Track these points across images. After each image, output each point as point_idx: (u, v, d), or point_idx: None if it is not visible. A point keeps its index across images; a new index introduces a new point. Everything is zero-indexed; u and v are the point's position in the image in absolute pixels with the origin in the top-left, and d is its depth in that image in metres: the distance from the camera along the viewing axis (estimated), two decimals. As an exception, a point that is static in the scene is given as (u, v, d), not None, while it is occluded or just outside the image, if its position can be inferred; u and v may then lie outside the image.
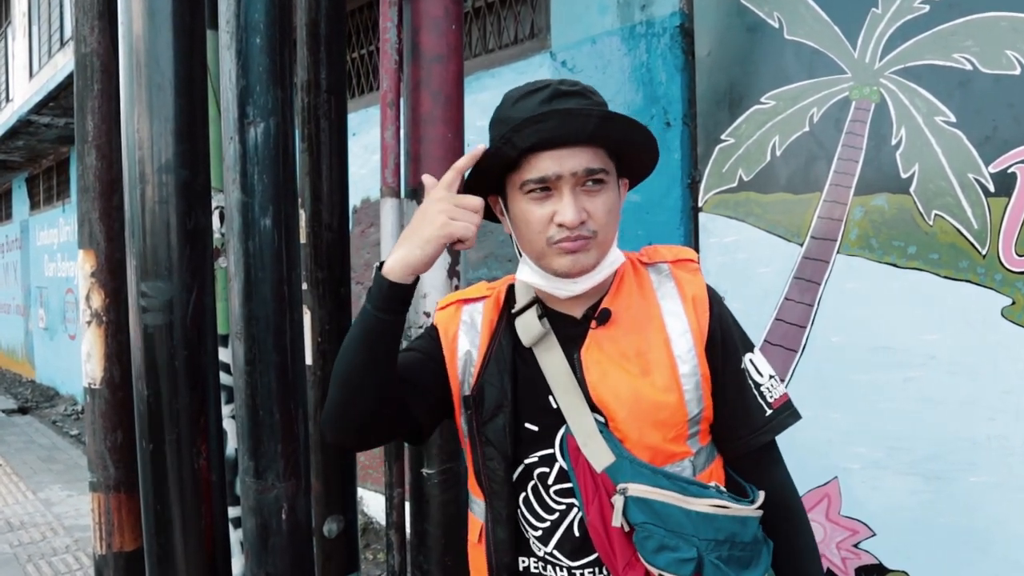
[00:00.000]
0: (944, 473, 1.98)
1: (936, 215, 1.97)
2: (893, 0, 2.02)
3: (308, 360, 1.69)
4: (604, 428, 0.98)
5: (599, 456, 0.96)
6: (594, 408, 0.99)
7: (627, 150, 1.00)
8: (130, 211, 1.13)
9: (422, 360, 1.09)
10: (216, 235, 1.38)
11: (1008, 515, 1.88)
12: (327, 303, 1.68)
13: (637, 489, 0.94)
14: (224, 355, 1.34)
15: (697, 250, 2.42)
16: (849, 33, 2.10)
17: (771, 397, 1.06)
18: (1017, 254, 1.86)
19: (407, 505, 1.49)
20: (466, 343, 1.08)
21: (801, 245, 2.19)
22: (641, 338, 1.01)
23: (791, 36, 2.20)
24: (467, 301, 1.12)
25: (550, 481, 1.02)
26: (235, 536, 1.37)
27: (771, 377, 1.08)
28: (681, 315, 1.02)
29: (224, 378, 1.35)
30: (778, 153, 2.23)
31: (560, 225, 0.94)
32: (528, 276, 1.03)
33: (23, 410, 8.11)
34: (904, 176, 2.01)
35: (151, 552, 1.14)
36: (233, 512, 1.38)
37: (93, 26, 1.41)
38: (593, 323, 1.01)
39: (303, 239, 1.68)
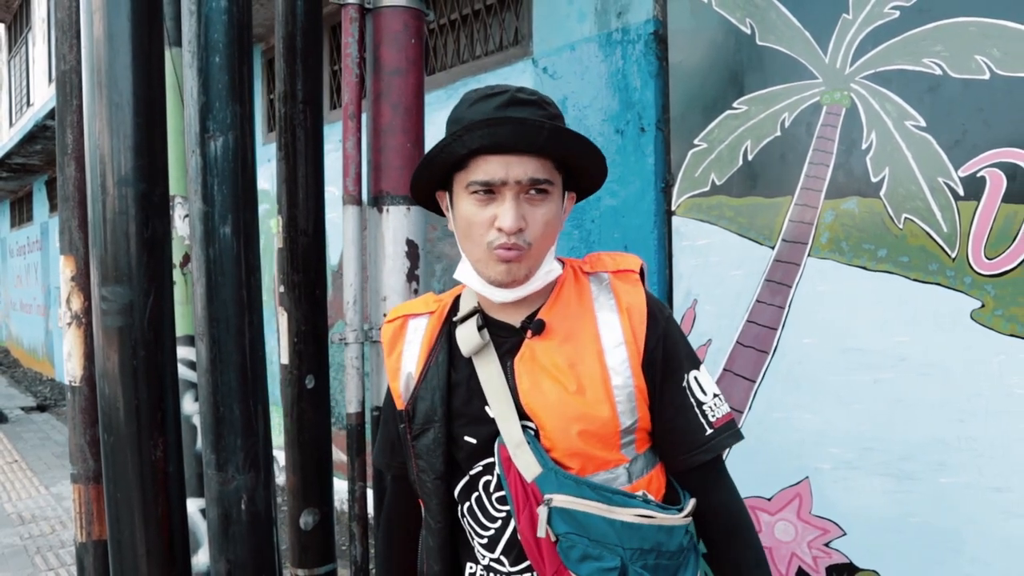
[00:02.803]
0: (915, 473, 2.00)
1: (906, 218, 2.00)
2: (863, 6, 2.05)
3: (284, 359, 1.77)
4: (534, 438, 0.99)
5: (528, 466, 0.97)
6: (524, 417, 1.00)
7: (575, 165, 1.01)
8: (92, 221, 1.21)
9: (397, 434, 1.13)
10: (187, 242, 1.45)
11: (977, 515, 1.90)
12: (303, 305, 1.75)
13: (561, 500, 0.95)
14: (193, 354, 1.41)
15: (670, 253, 2.45)
16: (820, 39, 2.13)
17: (713, 416, 1.03)
18: (986, 257, 1.88)
19: (370, 497, 1.56)
20: (409, 363, 1.10)
21: (772, 248, 2.23)
22: (574, 349, 1.00)
23: (763, 42, 2.24)
24: (413, 316, 1.14)
25: (491, 489, 1.03)
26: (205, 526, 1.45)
27: (715, 396, 1.05)
28: (616, 326, 1.02)
29: (194, 376, 1.43)
30: (750, 157, 2.27)
31: (499, 229, 0.95)
32: (467, 277, 1.04)
33: (41, 407, 8.30)
34: (874, 180, 2.04)
35: (113, 540, 1.22)
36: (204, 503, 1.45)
37: (72, 44, 1.49)
38: (528, 333, 1.02)
39: (279, 243, 1.76)
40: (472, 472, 1.05)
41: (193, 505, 1.43)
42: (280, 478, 3.96)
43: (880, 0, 2.02)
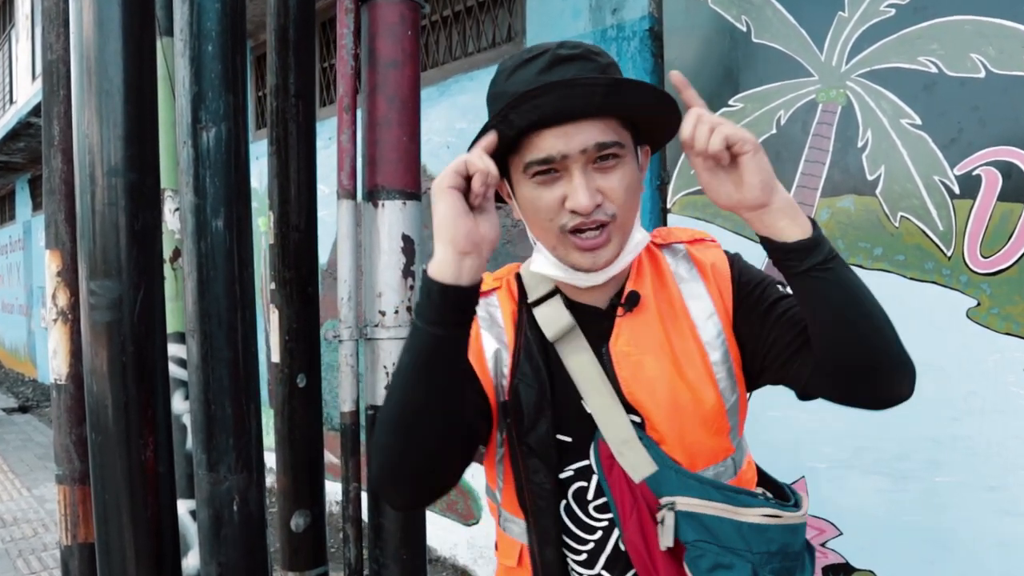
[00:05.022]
0: (909, 473, 2.00)
1: (902, 217, 1.99)
2: (859, 4, 2.05)
3: (276, 358, 1.73)
4: (642, 432, 0.88)
5: (638, 465, 0.87)
6: (629, 409, 0.88)
7: (644, 116, 0.87)
8: (81, 213, 1.18)
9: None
10: (177, 236, 1.42)
11: (972, 514, 1.90)
12: (295, 302, 1.71)
13: (686, 503, 0.85)
14: (184, 351, 1.38)
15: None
16: (816, 36, 2.13)
17: None
18: (982, 256, 1.88)
19: (364, 499, 1.53)
20: (492, 341, 0.94)
21: (768, 246, 2.22)
22: (668, 326, 0.91)
23: (759, 39, 2.23)
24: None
25: (589, 496, 0.91)
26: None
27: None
28: (704, 296, 0.92)
29: (184, 374, 1.40)
30: (746, 155, 2.26)
31: (574, 211, 0.82)
32: (545, 267, 0.91)
33: (23, 408, 8.20)
34: (870, 178, 2.04)
35: (100, 542, 1.19)
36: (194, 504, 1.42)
37: (59, 33, 1.45)
38: (620, 310, 0.90)
39: (271, 240, 1.72)
40: (562, 476, 0.92)
41: (183, 507, 1.40)
42: (268, 479, 3.91)
43: (876, -2, 2.02)
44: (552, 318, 0.91)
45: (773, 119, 2.20)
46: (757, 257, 2.18)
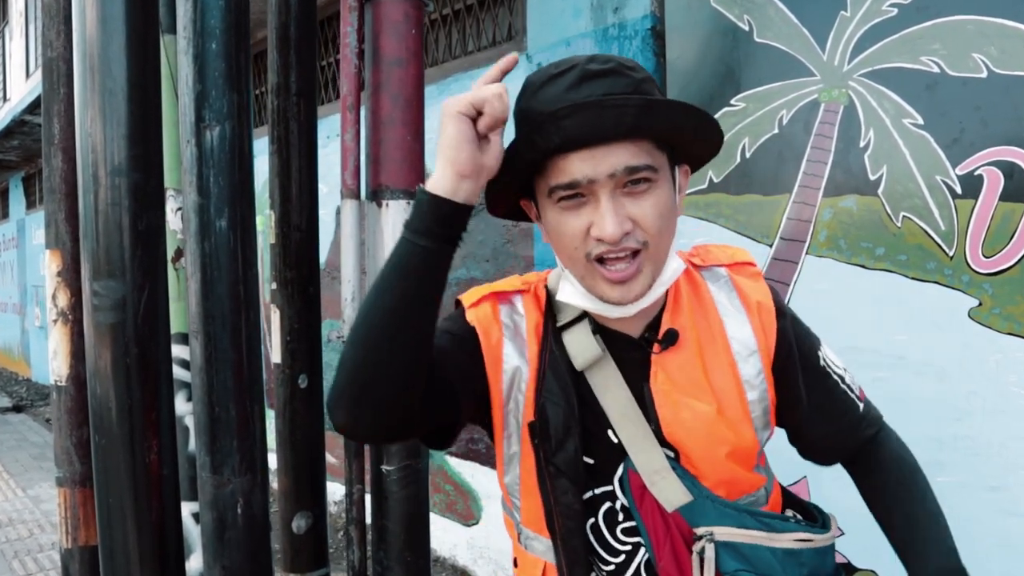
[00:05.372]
0: (911, 472, 2.00)
1: (904, 216, 1.99)
2: (862, 3, 2.04)
3: (277, 359, 1.72)
4: (676, 464, 0.87)
5: (672, 495, 0.86)
6: (664, 443, 0.87)
7: (680, 137, 0.83)
8: (84, 213, 1.16)
9: (455, 346, 0.88)
10: (180, 236, 1.41)
11: (974, 514, 1.89)
12: (296, 302, 1.71)
13: (725, 533, 0.84)
14: (186, 353, 1.37)
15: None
16: (818, 36, 2.12)
17: (856, 389, 0.99)
18: (984, 256, 1.88)
19: (367, 501, 1.52)
20: (514, 356, 0.90)
21: (770, 246, 2.22)
22: (707, 362, 0.88)
23: (761, 39, 2.22)
24: (501, 295, 0.93)
25: (620, 518, 0.90)
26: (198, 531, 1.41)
27: (844, 369, 0.99)
28: (747, 331, 0.89)
29: (187, 375, 1.39)
30: (748, 155, 2.26)
31: (599, 239, 0.78)
32: (573, 298, 0.87)
33: (17, 408, 8.15)
34: (872, 178, 2.03)
35: (104, 545, 1.17)
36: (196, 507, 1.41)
37: (59, 31, 1.44)
38: (656, 347, 0.88)
39: (272, 239, 1.71)
40: (585, 496, 0.90)
41: (186, 509, 1.39)
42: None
43: (878, -3, 2.02)
44: (581, 346, 0.89)
45: (775, 119, 2.20)
46: (758, 255, 2.18)
